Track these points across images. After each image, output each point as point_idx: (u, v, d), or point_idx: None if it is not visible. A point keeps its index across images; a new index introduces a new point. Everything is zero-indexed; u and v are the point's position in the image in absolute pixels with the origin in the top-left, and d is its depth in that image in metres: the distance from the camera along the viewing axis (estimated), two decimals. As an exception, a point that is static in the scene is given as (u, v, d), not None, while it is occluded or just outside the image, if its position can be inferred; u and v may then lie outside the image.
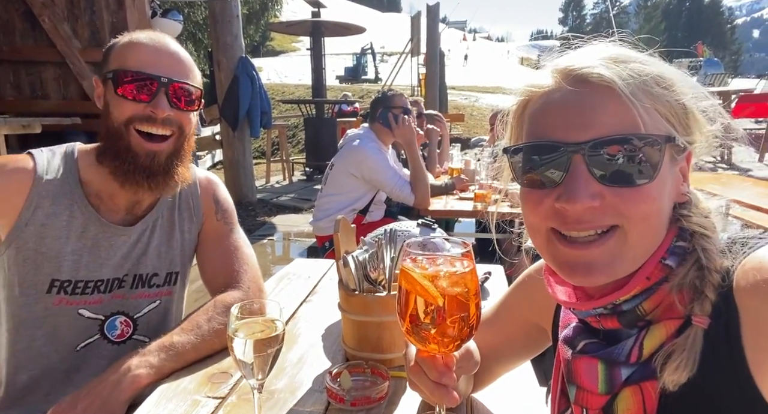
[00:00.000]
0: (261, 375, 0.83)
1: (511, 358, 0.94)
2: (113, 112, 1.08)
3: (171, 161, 1.12)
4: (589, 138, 0.55)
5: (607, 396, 0.60)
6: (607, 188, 0.55)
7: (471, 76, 26.41)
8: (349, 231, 1.15)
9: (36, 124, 3.88)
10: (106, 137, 1.10)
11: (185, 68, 1.13)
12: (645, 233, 0.57)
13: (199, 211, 1.29)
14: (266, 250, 5.36)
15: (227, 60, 6.45)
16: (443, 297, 0.62)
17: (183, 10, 11.31)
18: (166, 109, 1.07)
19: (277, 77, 23.20)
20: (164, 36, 1.14)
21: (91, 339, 1.15)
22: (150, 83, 1.07)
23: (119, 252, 1.16)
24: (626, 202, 0.55)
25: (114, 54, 1.10)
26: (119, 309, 1.18)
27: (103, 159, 1.11)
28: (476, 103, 15.28)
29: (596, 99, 0.56)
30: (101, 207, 1.14)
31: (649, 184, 0.55)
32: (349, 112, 10.59)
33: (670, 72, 0.58)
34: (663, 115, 0.56)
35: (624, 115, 0.54)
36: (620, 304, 0.59)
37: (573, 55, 0.61)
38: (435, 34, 10.85)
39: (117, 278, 1.17)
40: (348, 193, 2.88)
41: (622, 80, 0.54)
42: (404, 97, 2.95)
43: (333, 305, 1.36)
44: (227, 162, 6.95)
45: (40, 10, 4.47)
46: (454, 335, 0.63)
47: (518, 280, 0.91)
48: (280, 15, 19.21)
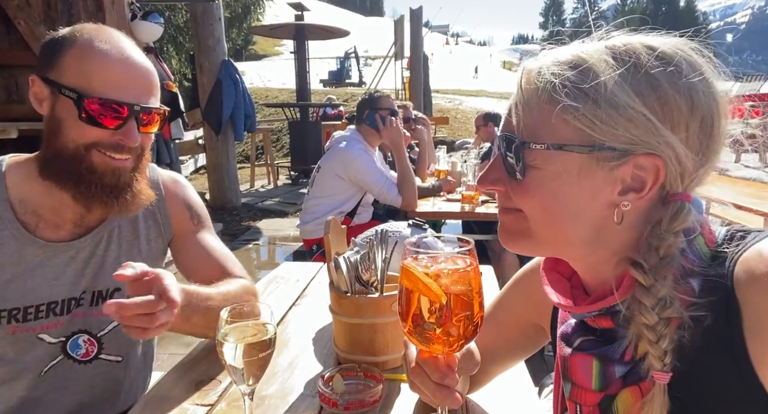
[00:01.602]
0: (252, 381, 0.81)
1: (508, 358, 0.94)
2: (69, 134, 0.97)
3: (134, 177, 1.05)
4: (501, 132, 0.63)
5: (601, 393, 0.60)
6: (507, 178, 0.62)
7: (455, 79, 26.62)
8: (339, 232, 1.14)
9: (12, 129, 3.79)
10: (58, 157, 0.98)
11: (155, 88, 1.03)
12: (538, 225, 0.61)
13: (168, 220, 1.21)
14: (251, 255, 5.30)
15: (210, 63, 6.38)
16: (447, 295, 0.60)
17: (164, 12, 11.18)
18: (137, 138, 0.99)
19: (261, 81, 23.08)
20: (128, 42, 1.02)
21: (55, 361, 1.08)
22: (120, 110, 0.96)
23: (69, 270, 1.07)
24: (515, 191, 0.61)
25: (70, 60, 0.96)
26: (81, 327, 1.10)
27: (58, 181, 1.00)
28: (460, 106, 15.38)
29: (513, 99, 0.61)
30: (40, 224, 1.04)
31: (524, 181, 0.60)
32: (333, 115, 10.55)
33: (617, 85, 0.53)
34: (567, 121, 0.55)
35: (519, 117, 0.59)
36: (614, 305, 0.59)
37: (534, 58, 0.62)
38: (418, 38, 10.90)
39: (73, 298, 1.08)
40: (335, 196, 2.86)
41: (527, 84, 0.59)
42: (391, 99, 2.95)
43: (323, 308, 1.34)
44: (211, 166, 6.87)
45: (15, 13, 4.37)
46: (459, 335, 0.61)
47: (514, 278, 0.90)
48: (262, 18, 19.11)
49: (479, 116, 4.54)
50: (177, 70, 13.36)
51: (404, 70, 12.45)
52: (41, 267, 1.04)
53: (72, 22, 4.77)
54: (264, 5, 18.83)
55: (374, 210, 3.21)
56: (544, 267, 0.70)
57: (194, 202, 1.27)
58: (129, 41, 1.03)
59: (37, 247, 1.03)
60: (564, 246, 0.62)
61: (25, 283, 1.02)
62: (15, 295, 1.01)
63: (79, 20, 4.51)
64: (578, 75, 0.55)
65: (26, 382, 1.06)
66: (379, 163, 2.94)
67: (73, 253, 1.08)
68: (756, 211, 2.78)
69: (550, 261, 0.70)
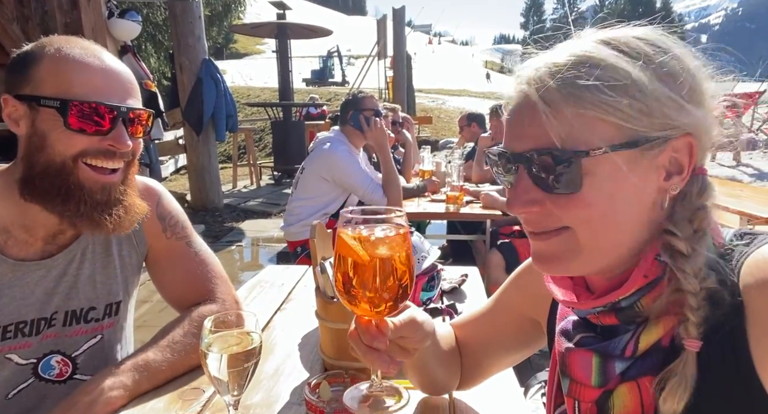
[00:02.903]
0: (237, 391, 0.79)
1: (503, 354, 0.93)
2: (56, 146, 0.92)
3: (124, 191, 1.00)
4: (523, 149, 0.59)
5: (600, 389, 0.60)
6: (546, 195, 0.58)
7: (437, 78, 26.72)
8: (325, 236, 1.12)
9: (-17, 129, 3.66)
10: (43, 175, 0.93)
11: (136, 90, 0.99)
12: (594, 234, 0.58)
13: (141, 234, 1.14)
14: (234, 256, 5.23)
15: (190, 62, 6.29)
16: (371, 258, 0.64)
17: (141, 10, 10.96)
18: (128, 142, 0.95)
19: (242, 80, 22.84)
20: (101, 49, 0.98)
21: (25, 384, 1.03)
22: (108, 113, 0.92)
23: (38, 289, 1.01)
24: (562, 208, 0.58)
25: (43, 72, 0.91)
26: (53, 348, 1.06)
27: (42, 201, 0.95)
28: (443, 106, 15.46)
29: (528, 112, 0.58)
30: (9, 242, 0.99)
31: (580, 192, 0.56)
32: (316, 115, 10.50)
33: (629, 68, 0.55)
34: (603, 121, 0.54)
35: (544, 129, 0.56)
36: (619, 302, 0.59)
37: (526, 63, 0.61)
38: (401, 38, 10.92)
39: (44, 318, 1.03)
40: (319, 197, 2.84)
41: (545, 93, 0.56)
42: (375, 99, 2.93)
43: (308, 313, 1.33)
44: (192, 167, 6.77)
45: (-13, 10, 4.23)
46: (383, 296, 0.65)
47: (513, 274, 0.91)
48: (243, 17, 18.90)
49: (463, 116, 4.56)
50: (156, 68, 13.13)
51: (387, 69, 12.46)
52: (9, 287, 0.99)
53: (46, 20, 4.64)
54: (245, 3, 18.61)
55: (359, 211, 3.19)
56: None
57: (168, 212, 1.19)
58: (103, 49, 0.99)
59: (6, 266, 0.98)
60: (612, 252, 0.59)
61: None
62: None
63: (54, 18, 4.38)
64: (603, 72, 0.55)
65: None
66: (363, 164, 2.92)
67: (44, 272, 1.02)
68: (732, 210, 2.84)
69: None
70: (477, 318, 0.95)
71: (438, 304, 1.30)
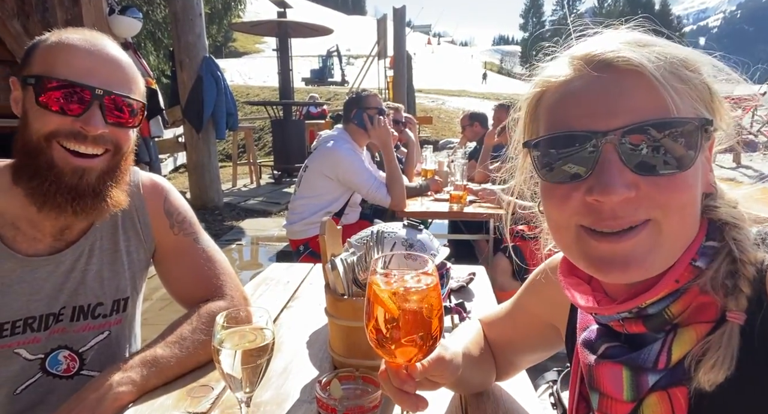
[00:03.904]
0: (250, 387, 0.78)
1: (530, 352, 0.94)
2: (33, 124, 0.91)
3: (103, 181, 0.96)
4: (619, 125, 0.52)
5: (633, 403, 0.57)
6: (642, 178, 0.52)
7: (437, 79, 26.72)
8: (335, 233, 1.11)
9: (-17, 125, 3.64)
10: (23, 153, 0.93)
11: (126, 78, 0.96)
12: (680, 224, 0.54)
13: (149, 230, 1.14)
14: (234, 255, 5.22)
15: (190, 60, 6.26)
16: (402, 313, 0.64)
17: (142, 7, 10.92)
18: (99, 125, 0.91)
19: (241, 79, 22.81)
20: (103, 37, 0.97)
21: (32, 379, 1.02)
22: (81, 93, 0.90)
23: (47, 284, 1.01)
24: (663, 191, 0.52)
25: (38, 55, 0.93)
26: (61, 343, 1.05)
27: (18, 179, 0.94)
28: (443, 106, 15.46)
29: (623, 84, 0.52)
30: (17, 237, 0.98)
31: (686, 172, 0.52)
32: (317, 114, 10.49)
33: (695, 54, 0.56)
34: (693, 99, 0.54)
35: (655, 99, 0.51)
36: (646, 308, 0.57)
37: (591, 41, 0.58)
38: (402, 37, 10.90)
39: (52, 313, 1.02)
40: (322, 196, 2.82)
41: (650, 62, 0.52)
42: (379, 98, 2.92)
43: (315, 310, 1.32)
44: (191, 165, 6.74)
45: (-13, 6, 4.21)
46: (414, 346, 0.65)
47: (530, 278, 0.90)
48: (243, 15, 18.86)
49: (465, 116, 4.55)
50: (155, 66, 13.08)
51: (387, 69, 12.44)
52: (18, 282, 0.98)
53: (46, 16, 4.63)
54: (245, 1, 18.57)
55: (362, 210, 3.19)
56: (562, 270, 0.68)
57: (174, 208, 1.17)
58: (108, 39, 0.98)
59: (15, 262, 0.97)
60: (682, 248, 0.55)
61: (1, 299, 0.97)
62: None
63: (54, 14, 4.36)
64: (676, 54, 0.55)
65: (1, 398, 1.00)
66: (366, 162, 2.91)
67: (52, 267, 1.02)
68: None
69: (567, 264, 0.68)
70: (501, 318, 0.95)
71: (447, 303, 1.29)
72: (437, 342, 0.67)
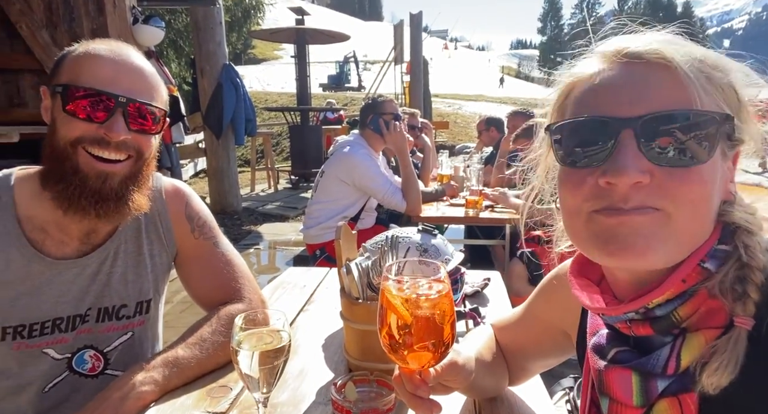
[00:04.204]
0: (267, 388, 0.80)
1: (543, 358, 0.94)
2: (60, 131, 0.96)
3: (125, 186, 0.99)
4: (640, 113, 0.52)
5: (643, 409, 0.57)
6: (657, 167, 0.53)
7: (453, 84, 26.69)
8: (350, 238, 1.13)
9: (14, 132, 3.78)
10: (50, 158, 0.97)
11: (148, 86, 1.00)
12: (690, 220, 0.54)
13: (171, 234, 1.17)
14: (252, 259, 5.28)
15: (211, 67, 6.40)
16: (415, 319, 0.65)
17: (164, 16, 11.18)
18: (122, 132, 0.95)
19: (260, 85, 23.12)
20: (127, 47, 1.01)
21: (60, 378, 1.06)
22: (105, 101, 0.94)
23: (74, 287, 1.05)
24: (676, 181, 0.52)
25: (67, 65, 0.97)
26: (87, 343, 1.08)
27: (46, 183, 0.98)
28: (460, 111, 15.43)
29: (651, 75, 0.54)
30: (46, 241, 1.02)
31: (701, 166, 0.53)
32: (334, 119, 10.58)
33: (725, 60, 0.57)
34: (719, 99, 0.54)
35: (680, 92, 0.52)
36: (653, 309, 0.57)
37: (622, 38, 0.58)
38: (418, 43, 10.94)
39: (79, 314, 1.06)
40: (339, 201, 2.85)
41: (681, 57, 0.53)
42: (395, 103, 2.95)
43: (331, 314, 1.34)
44: (211, 170, 6.87)
45: (18, 18, 4.37)
46: (426, 352, 0.66)
47: (541, 284, 0.90)
48: (262, 23, 19.16)
49: (481, 121, 4.55)
50: (177, 74, 13.37)
51: (404, 74, 12.48)
52: (47, 284, 1.02)
53: (73, 26, 4.79)
54: (264, 9, 18.87)
55: (377, 215, 3.21)
56: (572, 271, 0.68)
57: (195, 212, 1.21)
58: (132, 49, 1.02)
59: (44, 265, 1.01)
60: (692, 246, 0.56)
61: (31, 301, 1.00)
62: (20, 313, 1.00)
63: (81, 24, 4.51)
64: (707, 55, 0.56)
65: (30, 396, 1.04)
66: (382, 167, 2.93)
67: (79, 270, 1.06)
68: (760, 217, 2.77)
69: (578, 265, 0.69)
70: (513, 324, 0.96)
71: (461, 308, 1.30)
72: (450, 348, 0.68)
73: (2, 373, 1.02)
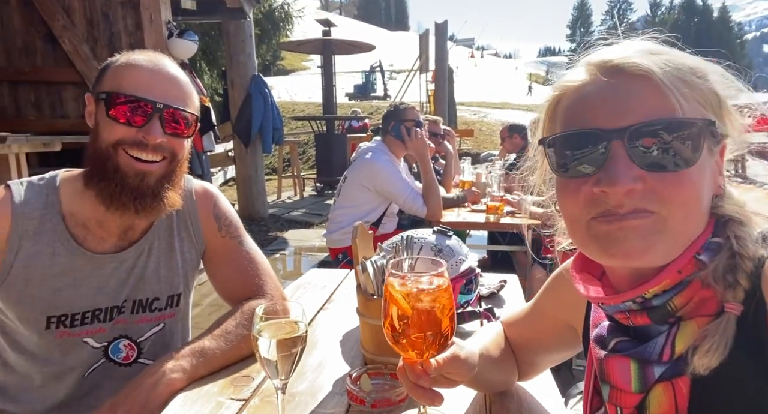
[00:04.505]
0: (285, 375, 0.85)
1: (550, 353, 0.96)
2: (102, 134, 1.04)
3: (161, 184, 1.08)
4: (627, 124, 0.56)
5: (641, 394, 0.60)
6: (648, 173, 0.56)
7: (479, 92, 26.59)
8: (367, 237, 1.18)
9: (56, 142, 3.98)
10: (94, 159, 1.06)
11: (182, 93, 1.09)
12: (684, 220, 0.57)
13: (200, 232, 1.25)
14: (278, 264, 5.39)
15: (240, 78, 6.60)
16: (413, 309, 0.69)
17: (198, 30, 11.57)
18: (158, 135, 1.03)
19: (288, 95, 23.58)
20: (163, 58, 1.10)
21: (97, 364, 1.15)
22: (144, 107, 1.03)
23: (112, 279, 1.13)
24: (667, 186, 0.56)
25: (109, 74, 1.06)
26: (122, 333, 1.17)
27: (89, 182, 1.06)
28: (485, 119, 15.37)
29: (633, 87, 0.57)
30: (88, 237, 1.10)
31: (689, 169, 0.56)
32: (358, 128, 10.71)
33: (704, 63, 0.60)
34: (700, 104, 0.57)
35: (662, 101, 0.56)
36: (650, 299, 0.60)
37: (607, 49, 0.62)
38: (443, 51, 10.99)
39: (116, 306, 1.14)
40: (361, 206, 2.91)
41: (659, 68, 0.56)
42: (416, 110, 3.00)
43: (350, 312, 1.38)
44: (240, 178, 7.05)
45: (61, 32, 4.64)
46: (426, 342, 0.70)
47: (548, 281, 0.92)
48: (291, 35, 19.60)
49: (504, 128, 4.55)
50: (209, 85, 13.77)
51: (429, 83, 12.55)
52: (88, 277, 1.10)
53: (113, 40, 5.03)
54: (293, 22, 19.30)
55: (399, 220, 3.25)
56: (574, 266, 0.71)
57: (222, 212, 1.28)
58: (168, 59, 1.11)
59: (86, 259, 1.10)
60: (686, 242, 0.59)
61: (73, 292, 1.09)
62: (64, 303, 1.08)
63: (119, 39, 4.75)
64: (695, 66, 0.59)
65: (70, 382, 1.13)
66: (404, 173, 2.98)
67: (117, 264, 1.14)
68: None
69: (580, 261, 0.72)
70: (521, 319, 0.98)
71: (476, 308, 1.33)
72: (449, 340, 0.72)
73: (47, 360, 1.11)
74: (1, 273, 1.04)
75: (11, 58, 4.74)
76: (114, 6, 4.71)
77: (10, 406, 1.12)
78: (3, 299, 1.06)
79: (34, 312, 1.07)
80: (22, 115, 4.79)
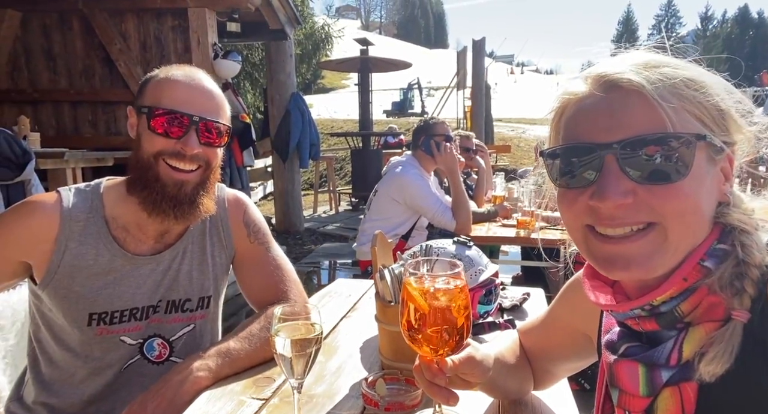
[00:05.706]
0: (300, 374, 0.88)
1: (565, 361, 0.96)
2: (144, 145, 1.12)
3: (197, 191, 1.15)
4: (619, 138, 0.58)
5: (649, 398, 0.61)
6: (639, 186, 0.58)
7: (519, 108, 26.33)
8: (386, 246, 1.21)
9: (109, 157, 4.27)
10: (136, 168, 1.14)
11: (216, 106, 1.16)
12: (683, 230, 0.58)
13: (230, 238, 1.31)
14: (313, 277, 5.48)
15: (280, 96, 6.86)
16: (430, 307, 0.72)
17: (242, 51, 12.12)
18: (195, 146, 1.11)
19: (327, 112, 24.10)
20: (198, 72, 1.17)
21: (132, 360, 1.22)
22: (181, 119, 1.10)
23: (149, 280, 1.20)
24: (659, 199, 0.57)
25: (150, 88, 1.14)
26: (156, 332, 1.24)
27: (132, 190, 1.14)
28: (523, 135, 15.18)
29: (625, 102, 0.59)
30: (127, 239, 1.18)
31: (681, 181, 0.57)
32: (394, 144, 10.81)
33: (704, 75, 0.60)
34: (694, 116, 0.58)
35: (652, 116, 0.57)
36: (658, 306, 0.60)
37: (607, 62, 0.64)
38: (480, 68, 11.01)
39: (151, 305, 1.21)
40: (391, 219, 2.95)
41: (650, 84, 0.57)
42: (446, 125, 3.03)
43: (372, 320, 1.40)
44: (277, 192, 7.26)
45: (117, 56, 4.99)
46: (441, 342, 0.72)
47: (563, 288, 0.93)
48: (331, 54, 20.15)
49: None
50: (251, 103, 14.32)
51: (466, 99, 12.56)
52: (127, 277, 1.19)
53: (164, 62, 5.36)
54: (333, 42, 19.86)
55: (428, 233, 3.26)
56: (586, 273, 0.72)
57: (252, 220, 1.35)
58: (203, 73, 1.19)
59: (125, 260, 1.19)
60: (687, 250, 0.60)
61: (113, 291, 1.17)
62: (104, 301, 1.17)
63: (170, 60, 5.03)
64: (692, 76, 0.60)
65: (108, 377, 1.21)
66: (434, 187, 3.00)
67: (154, 265, 1.22)
68: None
69: (591, 268, 0.72)
70: (536, 327, 0.99)
71: (496, 319, 1.33)
72: (464, 339, 0.74)
73: (87, 356, 1.19)
74: (49, 271, 1.13)
75: (72, 80, 5.13)
76: (165, 31, 5.04)
77: (54, 401, 1.20)
78: (51, 296, 1.15)
79: (77, 309, 1.16)
80: (80, 132, 5.17)
